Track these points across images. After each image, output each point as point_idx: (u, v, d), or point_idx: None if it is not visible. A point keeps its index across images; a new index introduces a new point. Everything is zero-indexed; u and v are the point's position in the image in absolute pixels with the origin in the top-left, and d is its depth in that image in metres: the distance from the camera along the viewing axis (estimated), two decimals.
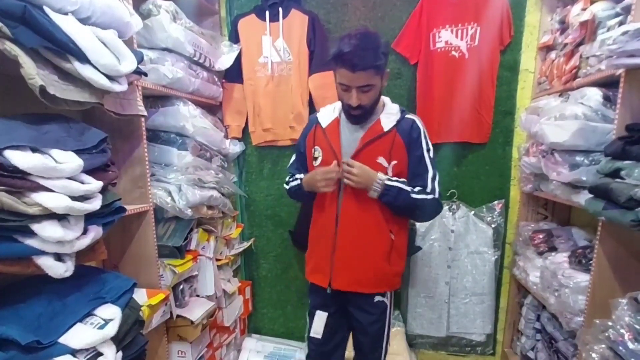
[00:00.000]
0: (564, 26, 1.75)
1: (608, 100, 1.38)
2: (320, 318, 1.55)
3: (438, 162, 2.18)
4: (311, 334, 1.57)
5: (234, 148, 2.26)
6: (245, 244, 2.40)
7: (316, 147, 1.51)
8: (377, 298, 1.51)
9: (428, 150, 1.45)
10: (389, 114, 1.44)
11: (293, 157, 1.67)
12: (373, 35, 1.29)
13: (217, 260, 2.08)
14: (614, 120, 1.30)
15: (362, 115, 1.40)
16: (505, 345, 2.30)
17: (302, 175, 1.56)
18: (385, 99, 1.50)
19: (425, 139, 1.45)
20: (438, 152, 2.18)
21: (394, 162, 1.42)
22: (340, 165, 1.41)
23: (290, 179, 1.64)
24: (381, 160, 1.41)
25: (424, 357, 2.41)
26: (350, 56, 1.24)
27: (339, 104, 1.51)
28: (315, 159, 1.51)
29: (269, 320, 2.58)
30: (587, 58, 1.49)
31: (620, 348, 1.08)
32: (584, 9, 1.55)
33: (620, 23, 1.34)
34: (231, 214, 2.23)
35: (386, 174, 1.41)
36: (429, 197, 1.41)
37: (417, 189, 1.41)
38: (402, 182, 1.41)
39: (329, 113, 1.53)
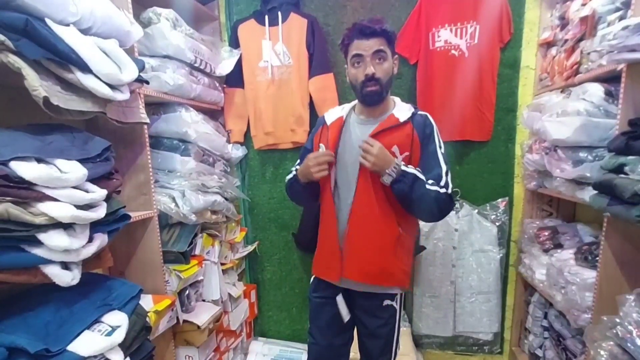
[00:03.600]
0: (564, 22, 1.75)
1: (610, 95, 1.37)
2: (340, 302, 1.50)
3: None
4: (343, 317, 1.51)
5: (236, 152, 2.27)
6: (250, 248, 2.41)
7: (321, 144, 1.49)
8: (386, 302, 1.46)
9: (440, 147, 1.41)
10: (402, 110, 1.42)
11: (298, 161, 1.61)
12: (381, 17, 1.36)
13: (222, 264, 2.09)
14: (616, 115, 1.30)
15: (379, 91, 1.35)
16: (513, 344, 2.29)
17: (294, 171, 1.54)
18: (395, 98, 1.49)
19: (438, 137, 1.42)
20: None
21: (406, 153, 1.38)
22: (333, 151, 1.41)
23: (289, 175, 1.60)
24: (395, 149, 1.37)
25: (430, 357, 2.40)
26: (362, 25, 1.31)
27: (349, 105, 1.51)
28: None
29: (274, 323, 2.58)
30: (588, 53, 1.48)
31: (629, 344, 1.07)
32: (583, 4, 1.54)
33: (621, 18, 1.33)
34: (235, 218, 2.23)
35: None
36: (442, 190, 1.33)
37: (430, 181, 1.34)
38: (419, 171, 1.35)
39: (336, 112, 1.51)
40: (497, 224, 2.18)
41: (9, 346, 0.88)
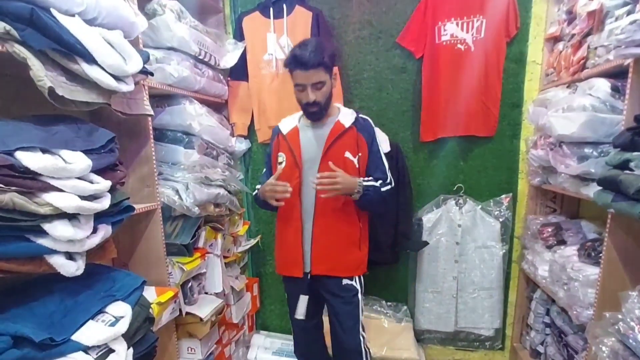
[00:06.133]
0: (571, 16, 1.73)
1: (617, 90, 1.36)
2: (303, 301, 1.70)
3: (444, 156, 2.20)
4: (296, 316, 1.71)
5: (240, 146, 2.27)
6: (252, 241, 2.42)
7: (280, 153, 1.68)
8: (345, 282, 1.66)
9: (379, 145, 1.67)
10: (346, 115, 1.64)
11: (264, 169, 1.82)
12: (321, 41, 1.55)
13: (225, 257, 2.10)
14: (622, 111, 1.29)
15: (319, 111, 1.57)
16: (515, 340, 2.29)
17: (257, 189, 1.73)
18: (339, 105, 1.72)
19: (376, 137, 1.67)
20: (444, 146, 2.18)
21: (359, 154, 1.61)
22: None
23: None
24: (348, 154, 1.60)
25: (432, 352, 2.41)
26: (302, 57, 1.46)
27: (298, 114, 1.71)
28: (280, 163, 1.67)
29: (276, 317, 2.60)
30: (595, 48, 1.47)
31: (631, 341, 1.07)
32: None
33: (629, 12, 1.31)
34: (238, 212, 2.24)
35: (355, 166, 1.61)
36: (389, 187, 1.63)
37: (379, 182, 1.60)
38: (372, 180, 1.59)
39: (288, 122, 1.71)
40: (501, 220, 2.18)
41: (14, 335, 0.88)
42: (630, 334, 1.08)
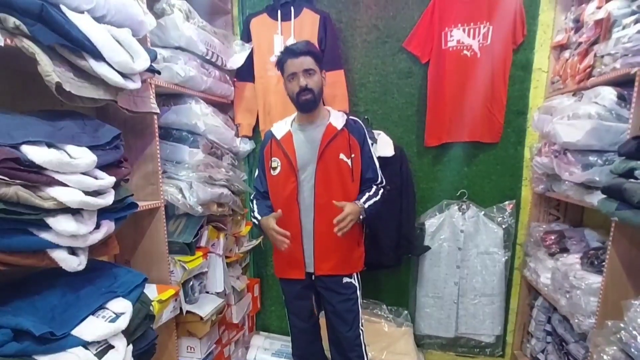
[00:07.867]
0: (578, 25, 1.73)
1: (623, 99, 1.35)
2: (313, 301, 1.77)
3: (448, 162, 2.19)
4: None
5: (244, 146, 2.27)
6: (254, 242, 2.42)
7: (274, 158, 1.69)
8: (345, 280, 1.69)
9: (370, 145, 1.70)
10: (336, 117, 1.66)
11: (257, 171, 1.82)
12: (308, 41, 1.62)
13: (227, 257, 2.10)
14: (628, 119, 1.28)
15: (312, 100, 1.58)
16: (515, 347, 2.28)
17: (259, 217, 1.68)
18: (328, 107, 1.73)
19: (367, 136, 1.69)
20: (449, 151, 2.18)
21: (352, 155, 1.63)
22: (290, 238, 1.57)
23: (255, 203, 1.76)
24: (342, 156, 1.62)
25: (432, 358, 2.39)
26: (292, 46, 1.56)
27: (290, 118, 1.73)
28: (274, 168, 1.68)
29: (277, 318, 2.59)
30: (602, 57, 1.47)
31: (633, 350, 1.06)
32: (599, 7, 1.53)
33: (636, 21, 1.31)
34: (241, 212, 2.24)
35: (349, 168, 1.63)
36: (382, 185, 1.68)
37: (374, 187, 1.65)
38: (368, 195, 1.62)
39: (281, 126, 1.71)
40: (504, 226, 2.17)
41: (15, 328, 0.89)
42: (632, 342, 1.07)
